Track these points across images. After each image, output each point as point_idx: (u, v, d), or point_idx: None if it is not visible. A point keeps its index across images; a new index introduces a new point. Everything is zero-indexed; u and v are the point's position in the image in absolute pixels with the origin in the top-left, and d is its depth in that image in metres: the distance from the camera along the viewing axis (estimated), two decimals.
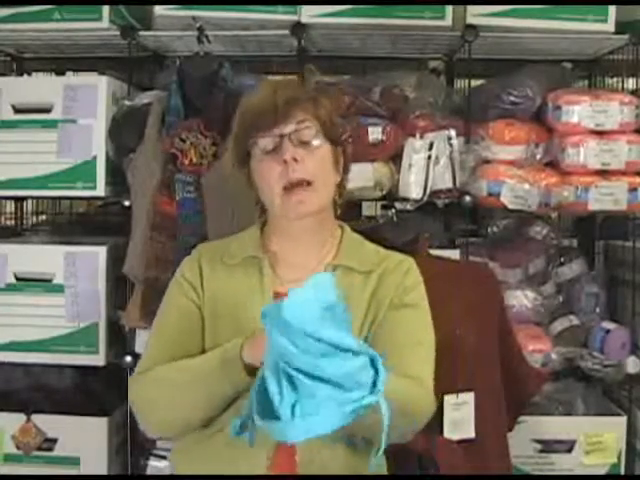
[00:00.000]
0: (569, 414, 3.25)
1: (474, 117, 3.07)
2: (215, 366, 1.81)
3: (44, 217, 4.28)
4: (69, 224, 4.04)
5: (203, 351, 1.94)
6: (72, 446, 3.14)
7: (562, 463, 3.11)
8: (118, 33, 3.10)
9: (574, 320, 3.23)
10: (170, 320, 2.00)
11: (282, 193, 1.89)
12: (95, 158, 3.03)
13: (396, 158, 3.01)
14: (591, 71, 3.54)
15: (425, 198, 2.97)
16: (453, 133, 2.99)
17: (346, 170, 2.05)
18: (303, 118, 1.90)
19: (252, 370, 1.75)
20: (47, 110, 3.07)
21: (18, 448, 3.14)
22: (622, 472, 3.12)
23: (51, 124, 3.06)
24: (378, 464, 1.68)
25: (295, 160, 1.87)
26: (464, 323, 2.49)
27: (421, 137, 2.98)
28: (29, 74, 3.74)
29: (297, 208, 1.89)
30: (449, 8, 3.04)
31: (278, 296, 1.92)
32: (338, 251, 2.01)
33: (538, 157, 3.05)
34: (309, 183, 1.88)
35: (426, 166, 2.95)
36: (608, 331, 3.13)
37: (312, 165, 1.89)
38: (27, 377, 3.36)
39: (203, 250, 2.08)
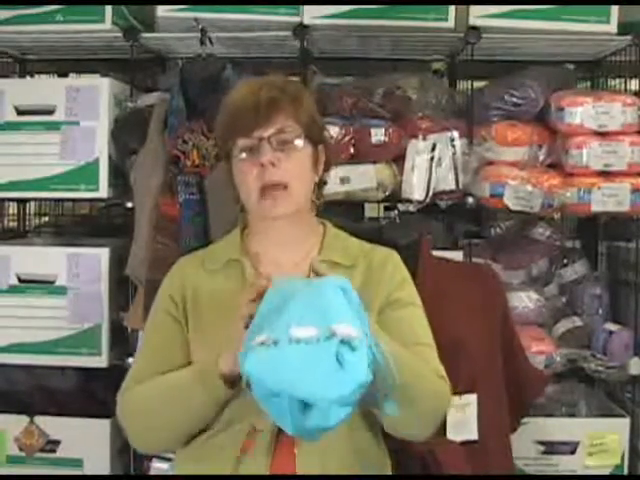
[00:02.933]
0: (572, 415, 3.25)
1: (477, 118, 3.06)
2: (192, 380, 1.83)
3: (47, 219, 4.28)
4: (72, 226, 4.04)
5: (189, 363, 1.96)
6: (75, 448, 3.14)
7: (565, 465, 3.10)
8: (120, 35, 3.10)
9: (577, 321, 3.22)
10: (153, 337, 2.02)
11: (258, 194, 1.91)
12: (97, 160, 3.04)
13: (399, 159, 3.00)
14: (594, 72, 3.53)
15: (428, 199, 2.97)
16: (456, 134, 2.99)
17: (327, 168, 2.06)
18: (283, 124, 1.91)
19: (231, 382, 1.78)
20: (50, 112, 3.07)
21: (21, 450, 3.14)
22: (625, 473, 3.11)
23: (54, 126, 3.06)
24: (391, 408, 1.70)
25: (272, 164, 1.88)
26: (467, 324, 2.49)
27: (424, 138, 2.98)
28: (32, 76, 3.74)
29: (272, 209, 1.91)
30: (452, 10, 3.03)
31: None
32: (322, 246, 2.03)
33: (541, 158, 3.04)
34: (285, 186, 1.90)
35: (429, 167, 2.94)
36: (611, 332, 3.12)
37: (289, 168, 1.91)
38: (30, 379, 3.36)
39: (184, 262, 2.10)
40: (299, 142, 1.93)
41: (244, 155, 1.92)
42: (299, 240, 2.02)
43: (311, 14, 3.03)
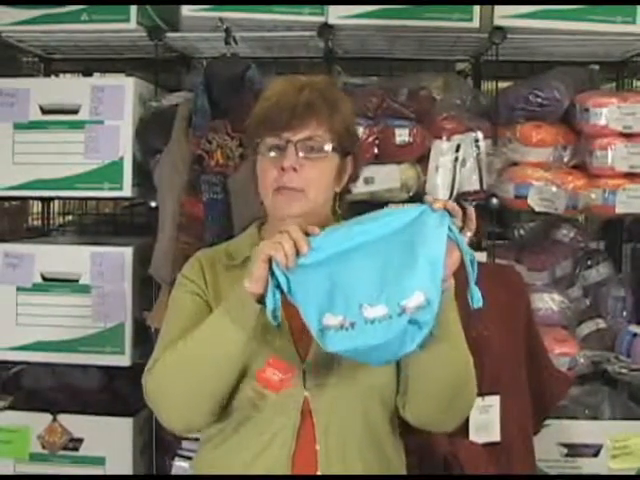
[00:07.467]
0: (595, 418, 3.23)
1: (501, 119, 3.06)
2: (220, 315, 1.80)
3: (71, 217, 4.30)
4: (95, 224, 4.06)
5: None
6: (98, 446, 3.15)
7: (588, 467, 3.09)
8: (145, 34, 3.11)
9: (601, 323, 3.21)
10: (179, 315, 1.98)
11: (274, 193, 1.91)
12: (122, 159, 3.05)
13: (423, 160, 3.00)
14: (619, 73, 3.50)
15: (452, 200, 2.95)
16: (480, 135, 2.98)
17: (353, 179, 2.06)
18: (314, 133, 1.90)
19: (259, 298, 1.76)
20: (74, 111, 3.08)
21: (44, 447, 3.16)
22: None
23: (78, 125, 3.07)
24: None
25: (294, 169, 1.87)
26: (491, 325, 2.49)
27: (448, 139, 2.97)
28: (57, 75, 3.76)
29: (284, 209, 1.91)
30: (477, 10, 3.02)
31: None
32: None
33: (565, 159, 3.03)
34: (301, 190, 1.89)
35: (453, 168, 2.94)
36: (635, 335, 3.11)
37: (310, 176, 1.90)
38: (53, 377, 3.38)
39: (202, 256, 2.08)
40: (326, 152, 1.92)
41: (270, 153, 1.92)
42: None
43: (336, 14, 3.03)
